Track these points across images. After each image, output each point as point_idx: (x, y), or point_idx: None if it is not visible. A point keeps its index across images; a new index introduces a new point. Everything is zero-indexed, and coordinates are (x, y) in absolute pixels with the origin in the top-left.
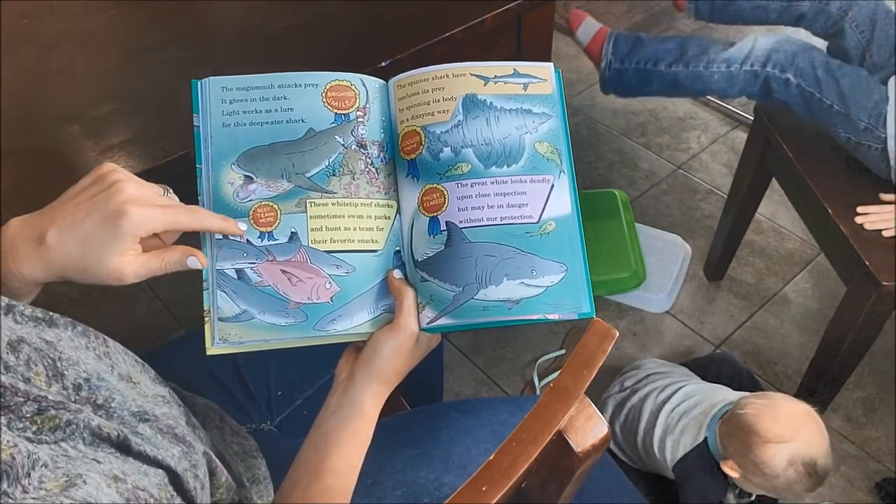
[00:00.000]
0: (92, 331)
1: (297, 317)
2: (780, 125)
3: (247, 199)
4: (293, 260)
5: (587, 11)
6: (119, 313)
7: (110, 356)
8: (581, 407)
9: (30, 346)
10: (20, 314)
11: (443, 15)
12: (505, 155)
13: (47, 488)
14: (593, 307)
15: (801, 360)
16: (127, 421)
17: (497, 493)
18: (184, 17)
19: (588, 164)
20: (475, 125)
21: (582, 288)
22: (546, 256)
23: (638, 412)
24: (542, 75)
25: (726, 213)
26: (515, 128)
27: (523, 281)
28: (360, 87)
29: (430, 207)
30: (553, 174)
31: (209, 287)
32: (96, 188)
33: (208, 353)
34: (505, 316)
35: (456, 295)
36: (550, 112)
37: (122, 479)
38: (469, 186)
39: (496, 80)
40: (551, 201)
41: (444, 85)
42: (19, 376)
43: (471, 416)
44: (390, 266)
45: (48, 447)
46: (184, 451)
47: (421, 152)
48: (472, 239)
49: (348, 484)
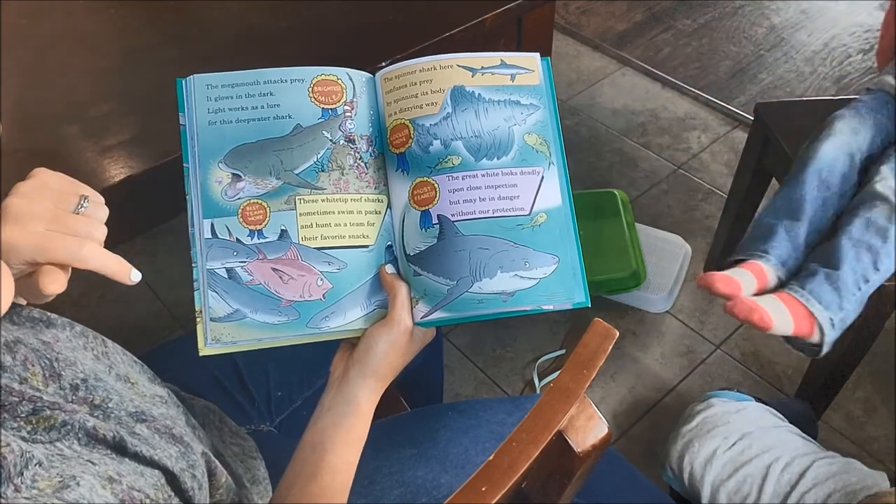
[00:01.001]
0: (90, 331)
1: (290, 315)
2: (780, 125)
3: (235, 197)
4: (284, 258)
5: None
6: (119, 314)
7: (108, 356)
8: (581, 407)
9: (27, 347)
10: (18, 315)
11: (443, 15)
12: (495, 147)
13: (40, 487)
14: (588, 296)
15: (801, 360)
16: (124, 421)
17: (497, 493)
18: (183, 17)
19: (588, 164)
20: (464, 117)
21: (576, 278)
22: (539, 248)
23: (757, 487)
24: (529, 66)
25: (726, 213)
26: (504, 119)
27: (517, 273)
28: (347, 81)
29: (421, 201)
30: (543, 166)
31: (200, 287)
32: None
33: (201, 353)
34: (500, 308)
35: (450, 289)
36: (538, 103)
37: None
38: (460, 179)
39: (483, 72)
40: (542, 193)
41: (432, 77)
42: (15, 376)
43: (468, 416)
44: (382, 261)
45: (43, 447)
46: (181, 451)
47: (410, 146)
48: (464, 232)
49: (346, 481)
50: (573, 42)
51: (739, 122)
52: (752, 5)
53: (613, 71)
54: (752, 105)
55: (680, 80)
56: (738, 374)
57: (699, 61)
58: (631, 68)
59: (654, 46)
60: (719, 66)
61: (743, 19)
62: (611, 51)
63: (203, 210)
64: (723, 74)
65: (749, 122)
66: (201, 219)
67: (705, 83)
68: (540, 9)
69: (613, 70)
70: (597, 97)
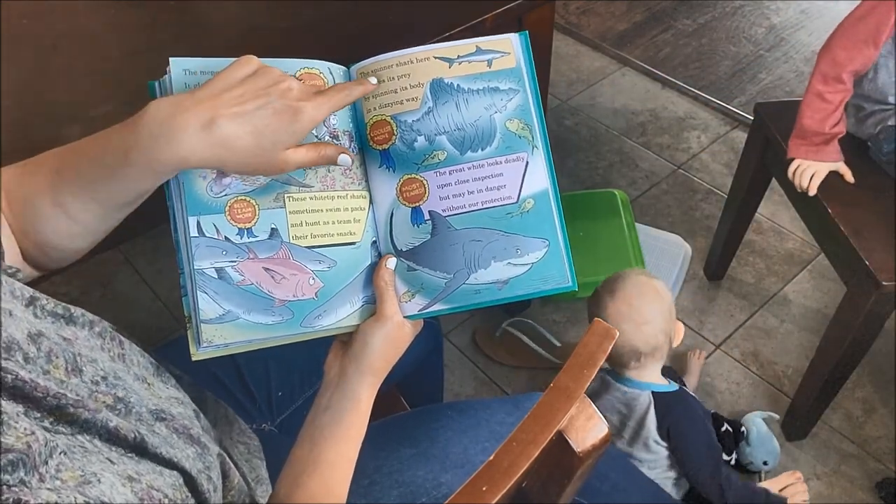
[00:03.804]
0: (108, 332)
1: (284, 314)
2: (780, 125)
3: (221, 193)
4: (275, 257)
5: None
6: (119, 313)
7: (125, 358)
8: (581, 407)
9: (49, 341)
10: (41, 308)
11: (443, 15)
12: (478, 138)
13: (63, 478)
14: (575, 280)
15: (801, 359)
16: (144, 418)
17: (497, 492)
18: (184, 17)
19: (588, 164)
20: (445, 111)
21: (565, 261)
22: (528, 234)
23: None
24: (504, 49)
25: (726, 213)
26: (485, 108)
27: (510, 261)
28: (328, 75)
29: (410, 198)
30: (526, 151)
31: (188, 293)
32: (261, 81)
33: (193, 358)
34: (497, 296)
35: (448, 282)
36: (517, 86)
37: (136, 478)
38: (447, 174)
39: (460, 61)
40: (528, 179)
41: (410, 71)
42: (39, 368)
43: (468, 415)
44: (368, 258)
45: (65, 437)
46: (198, 452)
47: (394, 142)
48: (456, 226)
49: (346, 476)
50: (573, 42)
51: (739, 122)
52: (752, 5)
53: (613, 71)
54: (752, 105)
55: (680, 80)
56: (738, 373)
57: (699, 61)
58: (631, 68)
59: (654, 46)
60: (719, 66)
61: (743, 19)
62: (611, 51)
63: (188, 207)
64: (723, 74)
65: (749, 122)
66: (186, 217)
67: (705, 83)
68: (540, 9)
69: (613, 70)
70: (597, 97)
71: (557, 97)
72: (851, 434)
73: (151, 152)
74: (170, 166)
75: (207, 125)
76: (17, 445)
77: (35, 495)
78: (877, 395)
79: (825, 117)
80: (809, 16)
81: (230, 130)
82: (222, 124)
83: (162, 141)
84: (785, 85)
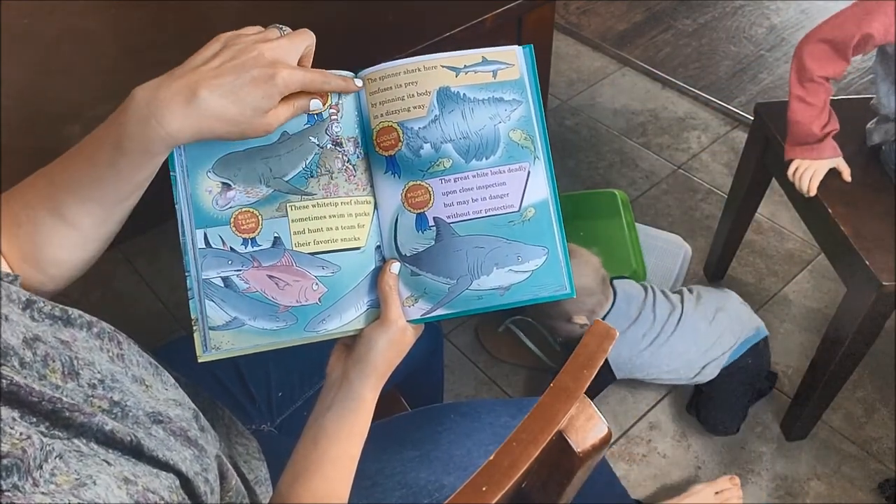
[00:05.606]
0: (107, 333)
1: (288, 320)
2: (780, 125)
3: (226, 206)
4: (279, 264)
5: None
6: (119, 314)
7: (123, 359)
8: (581, 407)
9: (45, 345)
10: (38, 311)
11: (443, 15)
12: (483, 147)
13: (58, 482)
14: (573, 287)
15: (801, 359)
16: (141, 421)
17: (497, 492)
18: (184, 17)
19: (588, 164)
20: (452, 119)
21: (562, 267)
22: (529, 242)
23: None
24: (509, 60)
25: (726, 213)
26: (489, 118)
27: (511, 268)
28: None
29: (415, 204)
30: (528, 161)
31: (195, 296)
32: (235, 51)
33: (200, 360)
34: (498, 302)
35: (451, 287)
36: (520, 97)
37: (132, 481)
38: (452, 182)
39: (466, 70)
40: (529, 188)
41: (417, 79)
42: (34, 373)
43: (471, 418)
44: (372, 262)
45: (61, 442)
46: (195, 454)
47: (400, 149)
48: (460, 233)
49: (349, 474)
50: (573, 42)
51: (739, 122)
52: (752, 5)
53: (613, 71)
54: (752, 105)
55: (680, 80)
56: None
57: (699, 61)
58: (631, 68)
59: (654, 46)
60: (719, 66)
61: (743, 19)
62: (611, 51)
63: (195, 220)
64: (723, 74)
65: (749, 122)
66: (194, 228)
67: (705, 83)
68: (540, 9)
69: (613, 70)
70: (597, 97)
71: (558, 97)
72: (852, 434)
73: (143, 135)
74: (163, 145)
75: (190, 99)
76: (12, 451)
77: (28, 499)
78: (877, 395)
79: (812, 120)
80: (809, 16)
81: (213, 102)
82: (205, 96)
83: (152, 122)
84: (785, 85)
